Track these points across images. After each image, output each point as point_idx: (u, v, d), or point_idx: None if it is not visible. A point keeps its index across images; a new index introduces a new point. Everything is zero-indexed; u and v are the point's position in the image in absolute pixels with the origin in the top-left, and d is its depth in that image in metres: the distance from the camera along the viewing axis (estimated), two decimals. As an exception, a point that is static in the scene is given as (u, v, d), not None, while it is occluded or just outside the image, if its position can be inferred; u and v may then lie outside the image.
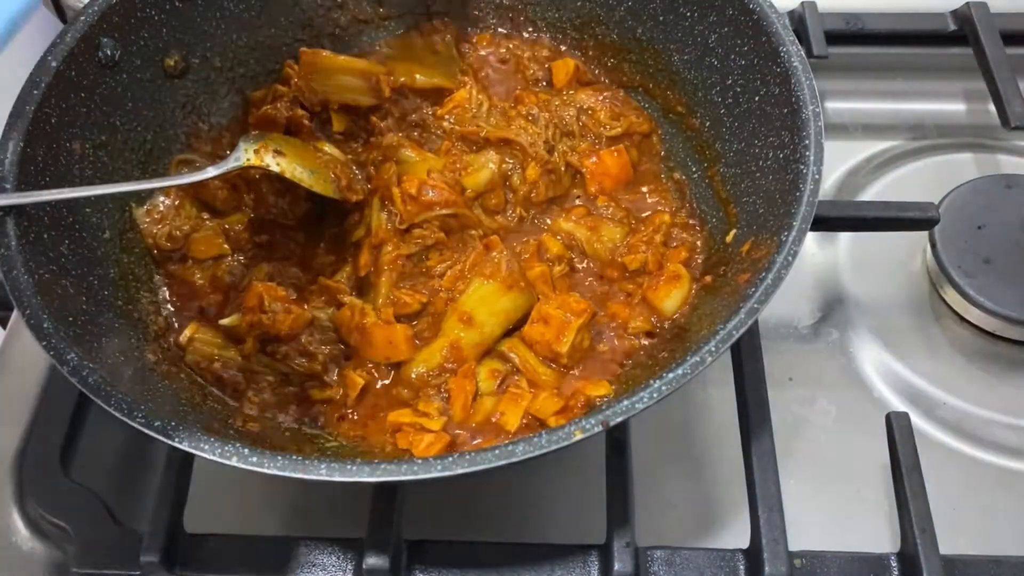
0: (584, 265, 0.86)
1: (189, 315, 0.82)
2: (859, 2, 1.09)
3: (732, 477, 0.77)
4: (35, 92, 0.75)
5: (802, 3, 1.06)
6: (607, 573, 0.69)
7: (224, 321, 0.80)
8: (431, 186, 0.84)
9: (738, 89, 0.84)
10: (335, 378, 0.80)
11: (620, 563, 0.68)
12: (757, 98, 0.81)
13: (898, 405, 0.84)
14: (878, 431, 0.77)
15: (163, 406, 0.65)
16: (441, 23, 1.00)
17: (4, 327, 0.92)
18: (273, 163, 0.81)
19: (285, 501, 0.80)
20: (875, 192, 1.00)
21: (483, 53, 1.00)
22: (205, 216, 0.87)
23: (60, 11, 1.08)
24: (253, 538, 0.73)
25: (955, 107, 1.09)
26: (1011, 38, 1.03)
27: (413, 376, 0.78)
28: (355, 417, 0.78)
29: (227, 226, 0.87)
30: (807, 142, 0.73)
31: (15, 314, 0.90)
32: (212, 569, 0.71)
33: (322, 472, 0.58)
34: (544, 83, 0.97)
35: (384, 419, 0.77)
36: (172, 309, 0.82)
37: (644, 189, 0.91)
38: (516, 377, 0.78)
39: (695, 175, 0.90)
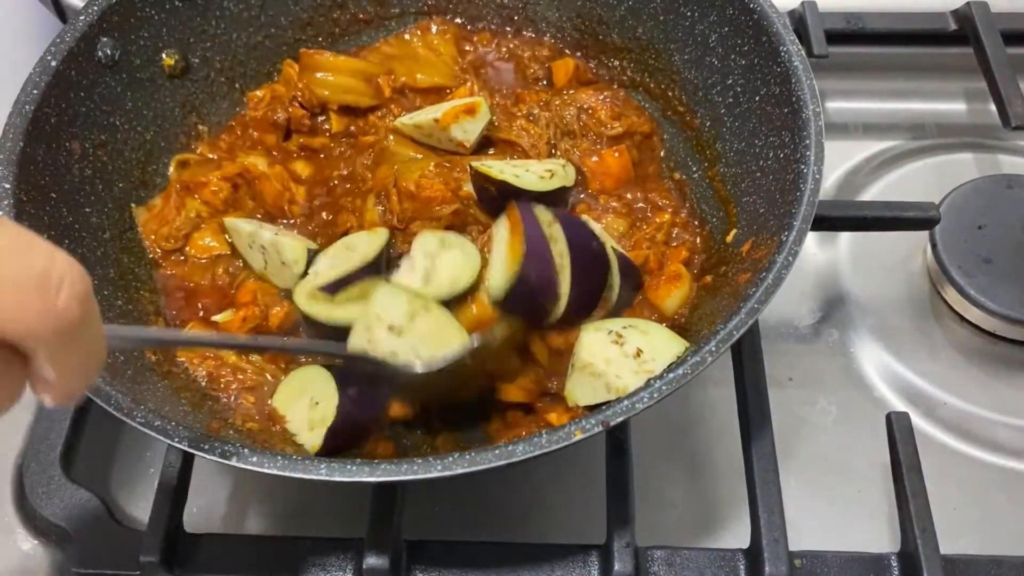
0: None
1: (187, 314, 0.82)
2: (859, 2, 1.09)
3: (732, 477, 0.77)
4: (35, 92, 0.75)
5: (802, 3, 1.06)
6: (607, 573, 0.69)
7: (217, 317, 0.80)
8: (427, 185, 0.84)
9: (738, 89, 0.84)
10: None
11: (620, 563, 0.68)
12: (757, 98, 0.81)
13: (898, 405, 0.84)
14: (878, 431, 0.77)
15: (163, 406, 0.65)
16: (442, 21, 1.00)
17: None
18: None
19: (285, 501, 0.80)
20: (875, 192, 1.00)
21: (483, 52, 1.00)
22: (204, 215, 0.87)
23: (60, 11, 1.08)
24: (253, 538, 0.73)
25: (955, 107, 1.09)
26: (1011, 38, 1.03)
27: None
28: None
29: None
30: (807, 142, 0.72)
31: (15, 314, 0.89)
32: (212, 569, 0.71)
33: (322, 472, 0.58)
34: (544, 82, 0.97)
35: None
36: (171, 308, 0.82)
37: (645, 188, 0.91)
38: None
39: (695, 175, 0.89)
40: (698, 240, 0.85)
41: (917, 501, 0.71)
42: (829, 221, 0.85)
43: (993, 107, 0.99)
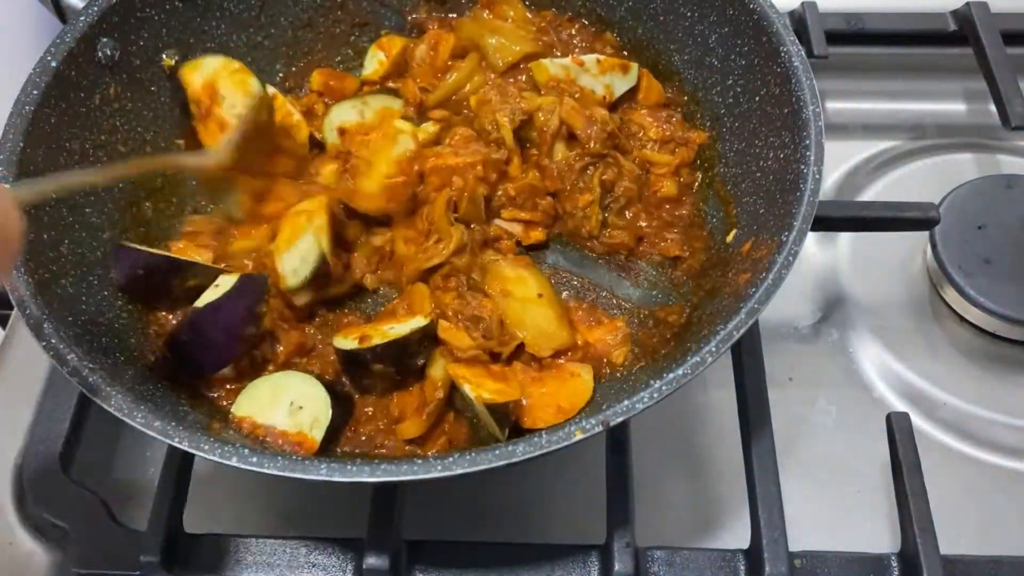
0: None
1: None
2: (859, 2, 1.09)
3: (732, 477, 0.77)
4: (35, 92, 0.75)
5: (802, 3, 1.06)
6: (607, 573, 0.69)
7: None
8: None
9: (739, 89, 0.84)
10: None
11: (620, 563, 0.68)
12: (757, 98, 0.81)
13: (898, 405, 0.84)
14: (878, 431, 0.77)
15: (163, 406, 0.65)
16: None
17: (4, 327, 0.92)
18: None
19: (285, 501, 0.80)
20: (875, 192, 1.00)
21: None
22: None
23: (60, 11, 1.08)
24: (253, 538, 0.73)
25: (955, 107, 1.09)
26: (1011, 38, 1.03)
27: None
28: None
29: None
30: (807, 142, 0.73)
31: (15, 314, 0.90)
32: (212, 569, 0.71)
33: (322, 472, 0.58)
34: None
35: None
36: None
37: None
38: None
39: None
40: (698, 240, 0.86)
41: (917, 501, 0.71)
42: (829, 221, 0.85)
43: (993, 107, 0.99)
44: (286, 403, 0.73)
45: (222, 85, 0.87)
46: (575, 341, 0.79)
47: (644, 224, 0.87)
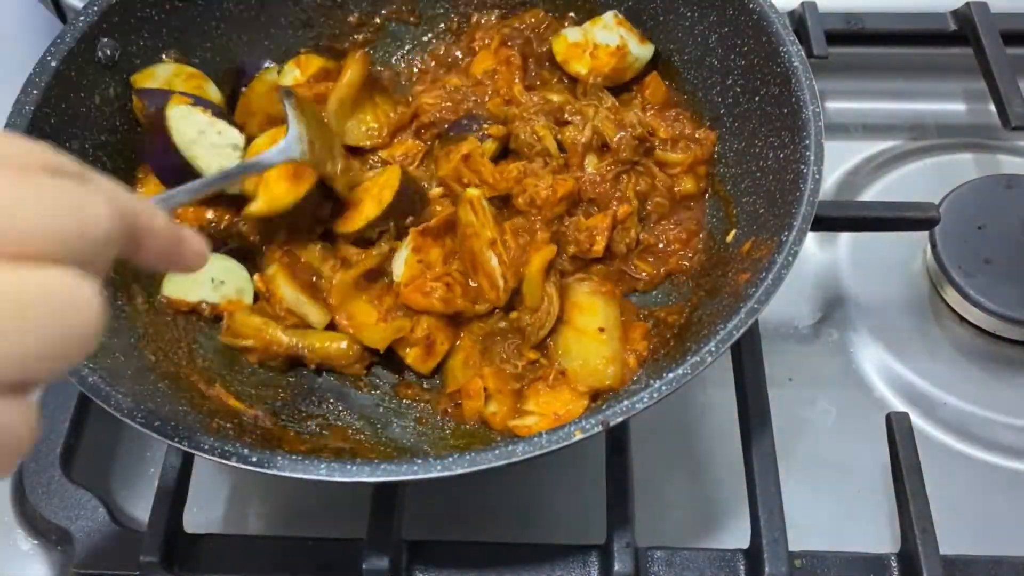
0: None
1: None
2: (859, 2, 1.09)
3: (732, 477, 0.77)
4: (35, 92, 0.75)
5: (802, 3, 1.06)
6: (607, 573, 0.69)
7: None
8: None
9: (738, 89, 0.84)
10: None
11: (620, 563, 0.68)
12: (757, 98, 0.81)
13: (898, 405, 0.84)
14: (878, 431, 0.77)
15: (163, 406, 0.65)
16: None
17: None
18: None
19: (285, 501, 0.80)
20: (875, 192, 1.00)
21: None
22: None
23: (60, 11, 1.08)
24: (253, 538, 0.73)
25: (955, 107, 1.09)
26: (1011, 38, 1.03)
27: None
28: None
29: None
30: (807, 142, 0.73)
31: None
32: (212, 569, 0.71)
33: (322, 472, 0.58)
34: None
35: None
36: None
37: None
38: None
39: (695, 175, 0.89)
40: (698, 240, 0.86)
41: (917, 501, 0.71)
42: (829, 221, 0.85)
43: (993, 107, 0.99)
44: (207, 281, 0.79)
45: None
46: (623, 384, 0.75)
47: (663, 244, 0.86)
